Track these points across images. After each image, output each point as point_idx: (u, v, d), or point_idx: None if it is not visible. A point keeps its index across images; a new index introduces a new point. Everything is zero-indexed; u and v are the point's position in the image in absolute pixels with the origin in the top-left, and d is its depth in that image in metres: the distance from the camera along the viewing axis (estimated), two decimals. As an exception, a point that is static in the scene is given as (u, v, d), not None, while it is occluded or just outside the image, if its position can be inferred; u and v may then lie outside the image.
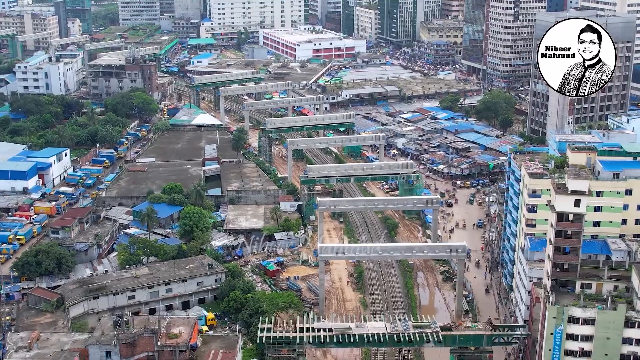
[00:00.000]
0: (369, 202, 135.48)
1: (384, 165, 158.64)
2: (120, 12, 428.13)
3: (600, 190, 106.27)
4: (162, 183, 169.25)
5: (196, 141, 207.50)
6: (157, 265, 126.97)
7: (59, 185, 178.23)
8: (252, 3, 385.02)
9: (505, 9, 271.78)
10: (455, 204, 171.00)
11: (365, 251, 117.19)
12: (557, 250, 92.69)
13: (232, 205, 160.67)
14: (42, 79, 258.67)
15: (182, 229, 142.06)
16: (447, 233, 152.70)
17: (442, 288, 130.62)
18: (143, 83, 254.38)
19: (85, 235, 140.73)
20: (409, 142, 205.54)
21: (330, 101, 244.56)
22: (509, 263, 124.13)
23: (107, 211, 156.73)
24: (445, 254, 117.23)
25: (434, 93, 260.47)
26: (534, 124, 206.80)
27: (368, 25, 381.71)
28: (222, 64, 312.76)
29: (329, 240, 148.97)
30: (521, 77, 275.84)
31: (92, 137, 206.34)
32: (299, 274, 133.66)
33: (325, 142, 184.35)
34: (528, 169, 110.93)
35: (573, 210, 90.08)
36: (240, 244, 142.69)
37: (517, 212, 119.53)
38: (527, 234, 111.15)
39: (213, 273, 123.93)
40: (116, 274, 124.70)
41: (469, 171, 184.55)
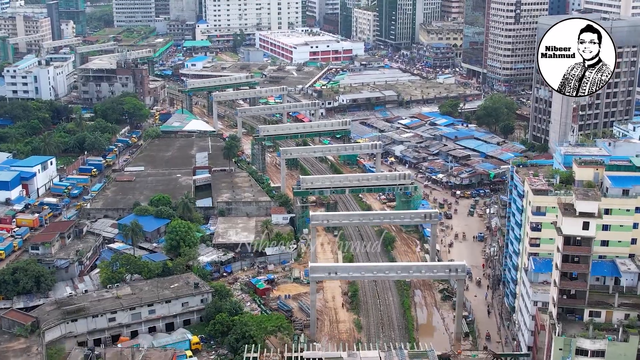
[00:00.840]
0: (364, 217, 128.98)
1: (380, 176, 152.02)
2: (114, 14, 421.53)
3: (609, 208, 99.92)
4: (150, 194, 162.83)
5: (187, 148, 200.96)
6: (140, 285, 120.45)
7: (44, 195, 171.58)
8: (249, 4, 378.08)
9: (506, 11, 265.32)
10: (455, 214, 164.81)
11: (359, 271, 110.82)
12: (564, 275, 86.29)
13: (222, 218, 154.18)
14: (32, 83, 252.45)
15: (169, 244, 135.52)
16: (447, 247, 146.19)
17: (441, 308, 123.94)
18: (135, 87, 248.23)
19: (66, 250, 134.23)
20: (407, 150, 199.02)
21: (326, 106, 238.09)
22: (511, 282, 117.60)
23: (92, 224, 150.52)
24: (444, 274, 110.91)
25: (433, 98, 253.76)
26: (536, 131, 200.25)
27: (366, 27, 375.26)
28: (217, 67, 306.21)
29: (323, 255, 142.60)
30: (522, 80, 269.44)
31: (80, 145, 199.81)
32: (290, 293, 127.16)
33: (320, 151, 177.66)
34: (532, 185, 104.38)
35: (581, 234, 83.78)
36: (229, 260, 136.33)
37: (520, 230, 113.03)
38: (530, 254, 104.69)
39: (199, 293, 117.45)
40: (96, 294, 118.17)
41: (469, 180, 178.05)
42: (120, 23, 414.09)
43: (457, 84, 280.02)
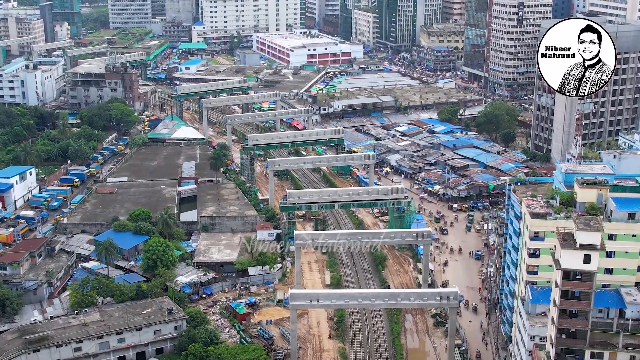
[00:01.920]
0: (352, 236, 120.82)
1: (372, 190, 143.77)
2: (110, 15, 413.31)
3: (614, 233, 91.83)
4: (131, 207, 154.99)
5: (174, 157, 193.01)
6: (111, 310, 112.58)
7: (22, 207, 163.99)
8: (246, 6, 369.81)
9: (509, 13, 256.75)
10: (451, 227, 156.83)
11: (343, 298, 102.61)
12: (563, 312, 78.17)
13: (205, 234, 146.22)
14: (18, 87, 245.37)
15: (145, 263, 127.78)
16: (441, 266, 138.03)
17: (433, 335, 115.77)
18: (124, 92, 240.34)
19: (36, 270, 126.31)
20: (403, 159, 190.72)
21: (321, 112, 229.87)
22: (508, 310, 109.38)
23: (68, 239, 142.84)
24: (434, 301, 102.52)
25: (432, 103, 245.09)
26: (538, 140, 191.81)
27: (366, 29, 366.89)
28: (211, 71, 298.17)
29: (309, 275, 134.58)
30: (525, 85, 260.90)
31: (63, 153, 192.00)
32: (272, 317, 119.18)
33: (310, 162, 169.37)
34: (529, 207, 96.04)
35: (582, 268, 75.61)
36: (209, 280, 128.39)
37: (517, 254, 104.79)
38: (528, 282, 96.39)
39: (172, 320, 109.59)
40: (62, 320, 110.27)
41: (466, 192, 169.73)
42: (116, 25, 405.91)
43: (457, 88, 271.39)
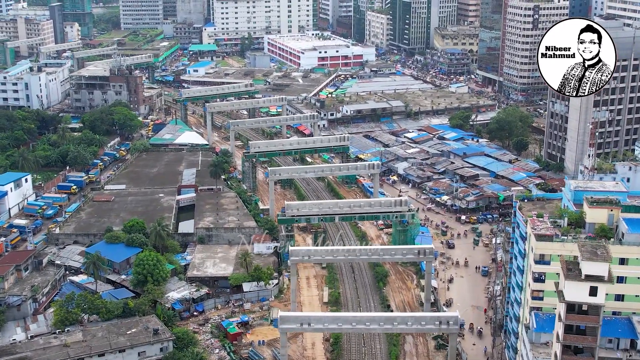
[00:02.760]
0: (350, 253, 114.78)
1: (374, 202, 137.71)
2: (121, 16, 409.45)
3: (625, 258, 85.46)
4: (127, 216, 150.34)
5: (176, 164, 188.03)
6: (94, 330, 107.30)
7: (16, 216, 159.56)
8: (258, 7, 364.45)
9: (524, 16, 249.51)
10: (458, 239, 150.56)
11: (336, 322, 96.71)
12: (567, 348, 71.78)
13: (201, 246, 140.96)
14: (22, 90, 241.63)
15: (135, 278, 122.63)
16: (446, 283, 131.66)
17: (434, 359, 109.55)
18: (129, 95, 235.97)
19: (22, 285, 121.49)
20: (411, 168, 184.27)
21: (328, 118, 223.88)
22: (513, 335, 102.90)
23: (60, 251, 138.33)
24: (433, 326, 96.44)
25: (443, 108, 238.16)
26: (552, 149, 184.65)
27: (380, 30, 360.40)
28: (219, 73, 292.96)
29: (307, 291, 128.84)
30: (540, 90, 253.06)
31: (62, 158, 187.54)
32: (265, 338, 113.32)
33: (312, 171, 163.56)
34: (535, 228, 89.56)
35: (588, 301, 69.21)
36: (202, 297, 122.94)
37: (522, 276, 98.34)
38: (532, 308, 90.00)
39: (158, 341, 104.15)
40: (43, 340, 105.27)
41: (475, 204, 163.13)
42: (127, 26, 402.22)
43: (470, 93, 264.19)
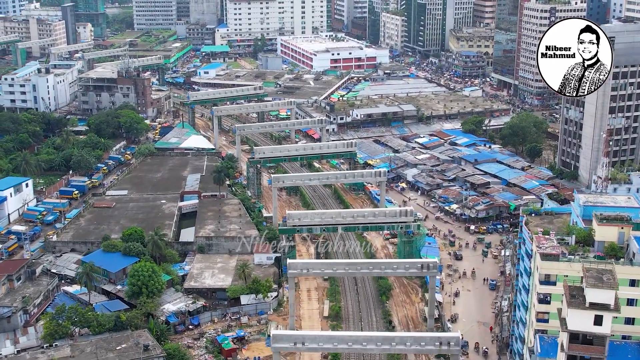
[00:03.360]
0: (351, 267, 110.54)
1: (379, 212, 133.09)
2: (135, 17, 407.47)
3: (635, 279, 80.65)
4: (127, 223, 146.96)
5: (180, 169, 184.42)
6: (83, 344, 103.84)
7: (15, 221, 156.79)
8: (271, 8, 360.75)
9: (540, 18, 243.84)
10: (466, 248, 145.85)
11: (332, 341, 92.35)
12: (571, 379, 67.04)
13: (201, 255, 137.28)
14: (30, 92, 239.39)
15: (130, 290, 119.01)
16: (452, 297, 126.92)
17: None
18: (136, 98, 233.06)
19: (13, 295, 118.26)
20: (421, 174, 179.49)
21: (338, 122, 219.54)
22: (518, 356, 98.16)
23: (57, 259, 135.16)
24: (433, 347, 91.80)
25: (456, 113, 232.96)
26: (566, 156, 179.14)
27: (394, 32, 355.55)
28: (230, 75, 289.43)
29: (307, 304, 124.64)
30: (556, 94, 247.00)
31: (66, 162, 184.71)
32: (262, 354, 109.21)
33: (316, 179, 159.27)
34: (540, 247, 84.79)
35: (592, 330, 64.44)
36: (198, 309, 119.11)
37: (527, 295, 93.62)
38: (537, 330, 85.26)
39: (148, 358, 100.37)
40: (30, 355, 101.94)
41: (485, 213, 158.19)
42: (141, 26, 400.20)
43: (484, 97, 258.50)
